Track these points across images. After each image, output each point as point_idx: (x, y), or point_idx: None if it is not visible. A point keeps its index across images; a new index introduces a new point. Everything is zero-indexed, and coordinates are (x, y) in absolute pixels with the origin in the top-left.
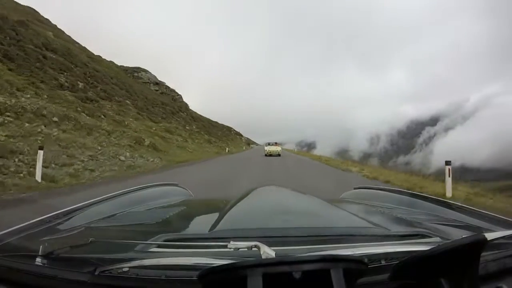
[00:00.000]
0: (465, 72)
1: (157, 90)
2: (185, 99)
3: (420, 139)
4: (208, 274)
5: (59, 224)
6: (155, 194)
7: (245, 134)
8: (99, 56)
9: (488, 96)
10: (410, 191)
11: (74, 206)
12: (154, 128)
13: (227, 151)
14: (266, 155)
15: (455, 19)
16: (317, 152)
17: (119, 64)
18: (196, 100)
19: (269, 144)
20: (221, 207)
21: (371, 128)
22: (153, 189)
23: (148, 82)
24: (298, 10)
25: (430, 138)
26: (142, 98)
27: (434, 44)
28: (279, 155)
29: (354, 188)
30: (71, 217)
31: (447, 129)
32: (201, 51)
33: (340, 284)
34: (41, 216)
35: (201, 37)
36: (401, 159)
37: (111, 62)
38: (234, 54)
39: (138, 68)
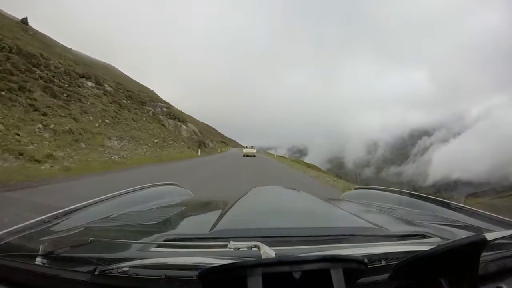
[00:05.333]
0: (475, 79)
1: None
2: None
3: (415, 149)
4: (208, 274)
5: (58, 224)
6: (155, 194)
7: (235, 138)
8: None
9: (490, 107)
10: (410, 191)
11: (74, 206)
12: None
13: None
14: (244, 156)
15: (470, 21)
16: (308, 159)
17: None
18: (177, 95)
19: (246, 147)
20: (221, 207)
21: (369, 134)
22: (153, 189)
23: None
24: None
25: (425, 149)
26: None
27: (447, 46)
28: (254, 156)
29: (355, 188)
30: (70, 217)
31: (444, 140)
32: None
33: (340, 284)
34: (41, 216)
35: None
36: (393, 169)
37: None
38: (222, 50)
39: None
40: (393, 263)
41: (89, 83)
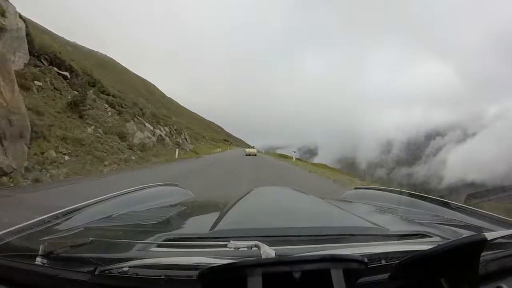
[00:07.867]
0: (496, 76)
1: None
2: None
3: (428, 150)
4: (208, 274)
5: (59, 224)
6: (155, 194)
7: (243, 137)
8: None
9: (508, 106)
10: (410, 191)
11: (74, 206)
12: None
13: None
14: (246, 155)
15: (499, 11)
16: (317, 159)
17: None
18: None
19: (248, 147)
20: (221, 207)
21: (384, 134)
22: (153, 189)
23: None
24: None
25: (438, 149)
26: None
27: (470, 41)
28: (255, 155)
29: (355, 188)
30: (70, 217)
31: (458, 141)
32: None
33: (340, 284)
34: (41, 216)
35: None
36: (404, 170)
37: None
38: (231, 45)
39: None
40: (393, 262)
41: None
